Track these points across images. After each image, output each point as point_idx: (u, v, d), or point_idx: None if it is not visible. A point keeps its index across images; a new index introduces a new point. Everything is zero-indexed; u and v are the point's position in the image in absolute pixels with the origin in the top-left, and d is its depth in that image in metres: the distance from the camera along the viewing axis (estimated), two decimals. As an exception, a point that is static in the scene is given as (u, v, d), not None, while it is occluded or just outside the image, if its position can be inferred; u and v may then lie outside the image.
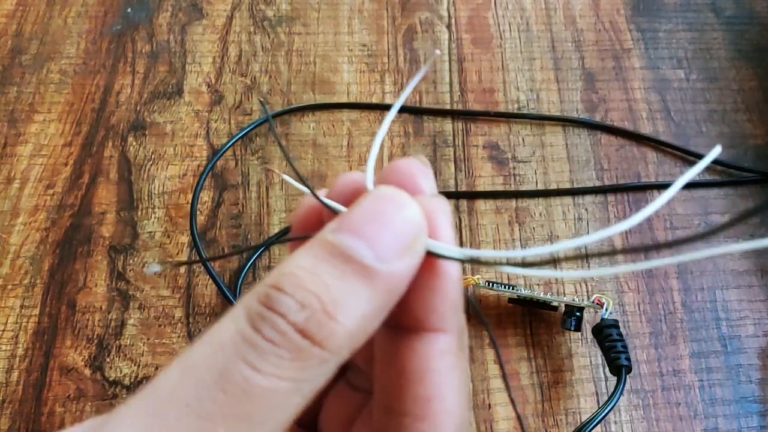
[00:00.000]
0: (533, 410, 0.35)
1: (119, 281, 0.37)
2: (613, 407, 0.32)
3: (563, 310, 0.36)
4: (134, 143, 0.42)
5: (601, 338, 0.34)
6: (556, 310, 0.36)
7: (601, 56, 0.47)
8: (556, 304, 0.36)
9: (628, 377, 0.33)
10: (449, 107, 0.44)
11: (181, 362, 0.13)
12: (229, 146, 0.42)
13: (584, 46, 0.47)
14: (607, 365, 0.34)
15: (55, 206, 0.40)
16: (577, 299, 0.36)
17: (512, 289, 0.36)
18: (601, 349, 0.34)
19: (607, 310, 0.35)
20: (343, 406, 0.19)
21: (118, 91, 0.44)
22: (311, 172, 0.42)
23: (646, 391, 0.35)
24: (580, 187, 0.41)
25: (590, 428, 0.32)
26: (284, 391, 0.13)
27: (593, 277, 0.38)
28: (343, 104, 0.44)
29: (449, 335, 0.16)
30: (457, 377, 0.16)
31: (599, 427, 0.34)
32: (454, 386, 0.16)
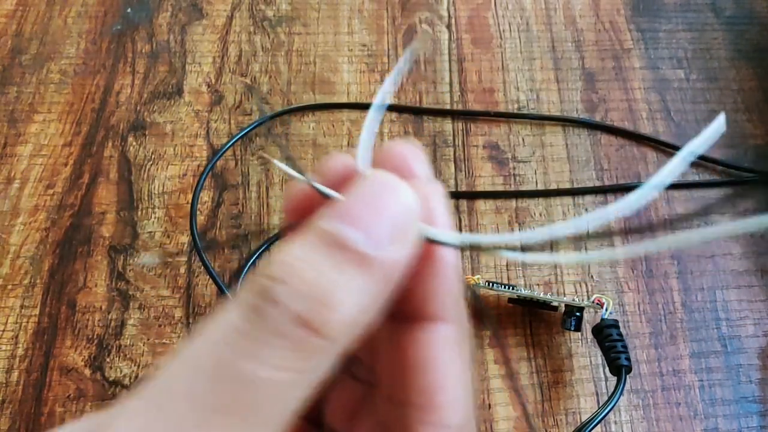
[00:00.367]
0: (533, 410, 0.35)
1: (119, 281, 0.37)
2: (613, 407, 0.32)
3: (563, 310, 0.36)
4: (134, 143, 0.42)
5: (601, 338, 0.34)
6: (556, 310, 0.36)
7: (601, 56, 0.47)
8: (556, 304, 0.36)
9: (628, 377, 0.33)
10: (449, 107, 0.44)
11: (180, 356, 0.13)
12: (229, 146, 0.42)
13: (584, 46, 0.47)
14: (607, 365, 0.34)
15: (55, 206, 0.40)
16: (577, 299, 0.36)
17: (512, 289, 0.36)
18: (601, 349, 0.34)
19: (607, 310, 0.35)
20: (348, 398, 0.19)
21: (118, 91, 0.44)
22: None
23: (646, 391, 0.35)
24: (580, 187, 0.41)
25: (590, 428, 0.32)
26: (285, 382, 0.13)
27: (591, 262, 0.37)
28: (343, 104, 0.44)
29: (450, 324, 0.16)
30: (459, 367, 0.16)
31: (599, 427, 0.34)
32: (456, 376, 0.16)
